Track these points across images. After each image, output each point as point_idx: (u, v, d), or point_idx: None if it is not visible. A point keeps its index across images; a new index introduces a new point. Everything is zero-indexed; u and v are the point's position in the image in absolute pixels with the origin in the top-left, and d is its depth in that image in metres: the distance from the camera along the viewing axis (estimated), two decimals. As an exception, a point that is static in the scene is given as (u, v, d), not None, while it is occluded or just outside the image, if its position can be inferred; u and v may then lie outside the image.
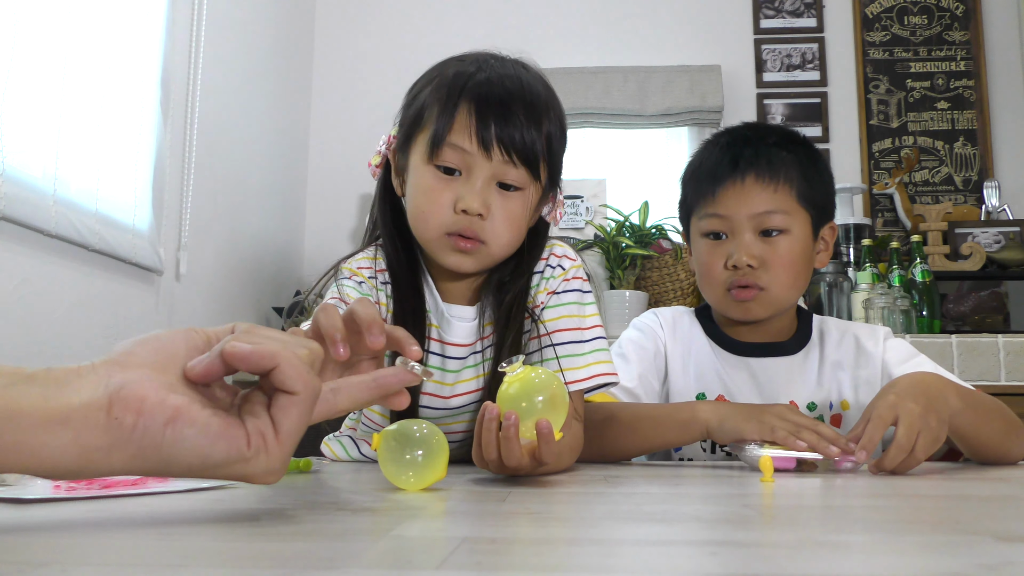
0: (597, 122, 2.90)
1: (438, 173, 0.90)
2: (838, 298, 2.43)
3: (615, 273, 2.55)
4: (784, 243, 1.10)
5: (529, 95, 0.91)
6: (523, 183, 0.92)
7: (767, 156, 1.10)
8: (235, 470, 0.44)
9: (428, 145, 0.90)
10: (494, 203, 0.90)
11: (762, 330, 1.17)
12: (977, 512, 0.54)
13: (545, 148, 0.92)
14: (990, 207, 2.71)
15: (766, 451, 0.85)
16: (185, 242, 2.06)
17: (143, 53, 1.89)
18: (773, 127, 1.22)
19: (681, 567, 0.34)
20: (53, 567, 0.32)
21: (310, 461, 0.86)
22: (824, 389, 1.14)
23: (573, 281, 0.99)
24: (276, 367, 0.44)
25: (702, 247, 1.15)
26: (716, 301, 1.16)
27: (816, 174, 1.13)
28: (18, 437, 0.39)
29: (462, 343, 0.97)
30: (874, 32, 2.97)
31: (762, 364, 1.16)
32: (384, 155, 1.01)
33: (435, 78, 0.94)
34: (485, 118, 0.88)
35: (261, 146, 2.59)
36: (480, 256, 0.92)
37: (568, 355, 0.94)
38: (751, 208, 1.09)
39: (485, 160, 0.89)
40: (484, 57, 0.95)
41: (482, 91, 0.89)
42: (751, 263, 1.08)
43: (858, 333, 1.17)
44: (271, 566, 0.33)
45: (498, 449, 0.70)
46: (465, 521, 0.49)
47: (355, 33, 3.07)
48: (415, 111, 0.94)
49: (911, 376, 0.92)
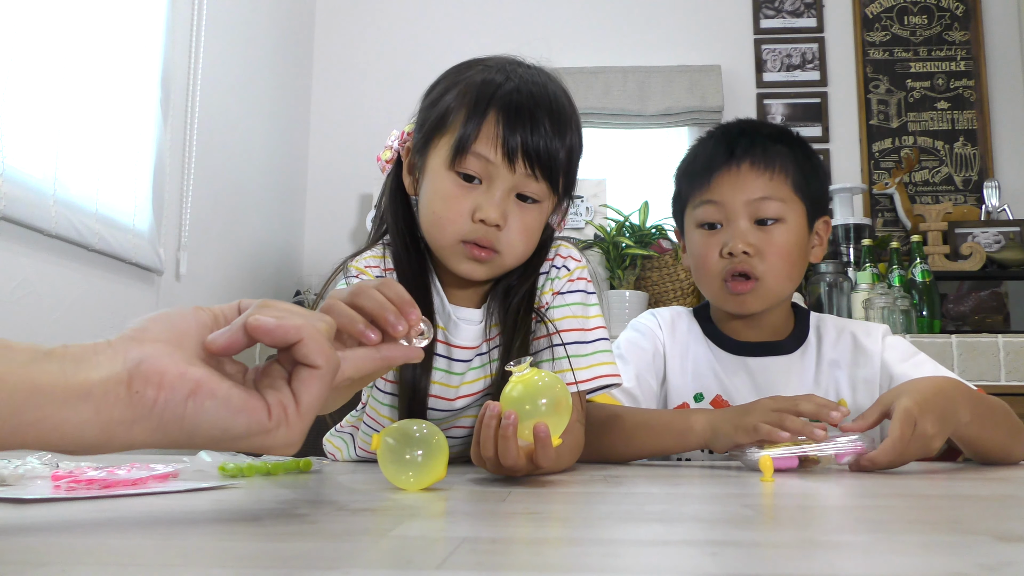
0: (597, 122, 2.90)
1: (458, 180, 0.90)
2: (838, 298, 2.43)
3: (615, 273, 2.55)
4: (779, 232, 1.09)
5: (556, 108, 0.91)
6: (542, 196, 0.92)
7: (762, 146, 1.11)
8: (255, 442, 0.45)
9: (451, 151, 0.89)
10: (512, 214, 0.90)
11: (759, 326, 1.16)
12: (977, 512, 0.54)
13: (566, 162, 0.92)
14: (990, 207, 2.71)
15: (766, 452, 0.85)
16: (185, 242, 2.06)
17: (143, 53, 1.89)
18: (767, 123, 1.23)
19: (681, 567, 0.34)
20: (53, 567, 0.32)
21: (310, 461, 0.86)
22: (821, 388, 1.14)
23: (578, 282, 0.99)
24: (300, 341, 0.45)
25: (697, 238, 1.14)
26: (712, 294, 1.15)
27: (811, 168, 1.14)
28: (40, 413, 0.40)
29: (467, 345, 0.97)
30: (874, 32, 2.97)
31: (760, 363, 1.16)
32: (396, 151, 1.00)
33: (460, 82, 0.92)
34: (512, 130, 0.87)
35: (261, 146, 2.59)
36: (493, 266, 0.92)
37: (572, 356, 0.94)
38: (747, 194, 1.09)
39: (508, 171, 0.89)
40: (511, 65, 0.94)
41: (512, 101, 0.88)
42: (747, 250, 1.08)
43: (855, 331, 1.17)
44: (271, 566, 0.33)
45: (495, 447, 0.70)
46: (465, 521, 0.49)
47: (355, 33, 3.07)
48: (438, 114, 0.92)
49: (930, 381, 0.92)
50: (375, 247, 1.01)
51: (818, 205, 1.15)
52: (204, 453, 0.81)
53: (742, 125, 1.17)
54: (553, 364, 0.94)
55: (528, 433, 0.68)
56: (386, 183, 1.02)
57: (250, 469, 0.76)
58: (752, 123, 1.20)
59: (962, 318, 2.42)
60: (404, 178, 0.99)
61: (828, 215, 1.19)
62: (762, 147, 1.10)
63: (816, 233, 1.16)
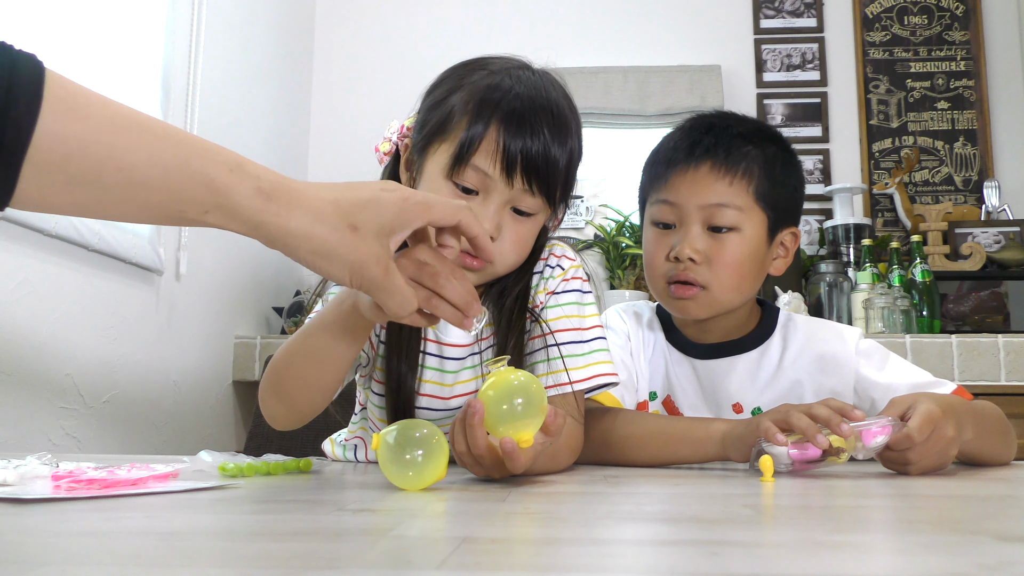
0: (597, 122, 2.90)
1: (455, 191, 0.89)
2: (838, 298, 2.43)
3: (615, 273, 2.55)
4: (732, 241, 1.04)
5: (557, 116, 0.90)
6: (537, 209, 0.91)
7: (727, 146, 1.04)
8: None
9: (450, 160, 0.88)
10: (506, 226, 0.90)
11: (709, 329, 1.11)
12: (977, 512, 0.54)
13: (564, 175, 0.91)
14: (990, 207, 2.71)
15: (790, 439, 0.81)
16: (185, 242, 2.06)
17: (143, 53, 1.89)
18: (744, 118, 1.12)
19: (681, 567, 0.34)
20: (53, 567, 0.32)
21: (310, 461, 0.86)
22: (776, 392, 1.07)
23: (572, 281, 0.99)
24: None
25: (649, 235, 1.09)
26: (657, 294, 1.10)
27: (782, 174, 1.07)
28: None
29: (459, 343, 0.97)
30: (874, 32, 2.97)
31: (704, 364, 1.11)
32: (395, 144, 0.99)
33: (464, 86, 0.91)
34: (513, 143, 0.87)
35: (261, 146, 2.59)
36: (484, 274, 0.92)
37: (569, 355, 0.94)
38: (701, 198, 1.03)
39: (505, 186, 0.88)
40: (516, 70, 0.92)
41: (513, 113, 0.87)
42: (693, 256, 1.03)
43: (827, 335, 1.11)
44: (271, 566, 0.33)
45: (465, 440, 0.70)
46: (465, 521, 0.49)
47: (355, 33, 3.06)
48: (440, 118, 0.91)
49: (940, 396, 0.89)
50: None
51: (784, 215, 1.08)
52: (204, 453, 0.81)
53: (712, 120, 1.10)
54: (548, 364, 0.94)
55: (503, 433, 0.68)
56: (383, 175, 1.01)
57: (250, 469, 0.76)
58: (726, 118, 1.11)
59: (962, 318, 2.42)
60: (401, 173, 0.98)
61: (796, 225, 1.11)
62: (727, 148, 1.04)
63: (781, 244, 1.10)
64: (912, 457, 0.82)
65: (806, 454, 0.81)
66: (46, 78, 0.50)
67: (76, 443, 1.60)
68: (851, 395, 1.07)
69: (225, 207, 0.56)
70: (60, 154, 0.50)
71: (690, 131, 1.08)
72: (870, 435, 0.81)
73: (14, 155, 0.48)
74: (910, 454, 0.81)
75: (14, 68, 0.48)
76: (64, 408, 1.57)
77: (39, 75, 0.49)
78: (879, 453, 0.83)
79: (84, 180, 0.51)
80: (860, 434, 0.81)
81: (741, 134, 1.06)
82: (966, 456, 0.94)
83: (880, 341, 1.32)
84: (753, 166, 1.04)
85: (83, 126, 0.51)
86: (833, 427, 0.80)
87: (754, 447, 0.84)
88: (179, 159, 0.54)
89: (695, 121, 1.11)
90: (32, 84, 0.49)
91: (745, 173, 1.04)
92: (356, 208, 0.61)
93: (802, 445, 0.82)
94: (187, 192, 0.55)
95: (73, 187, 0.51)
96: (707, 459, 0.94)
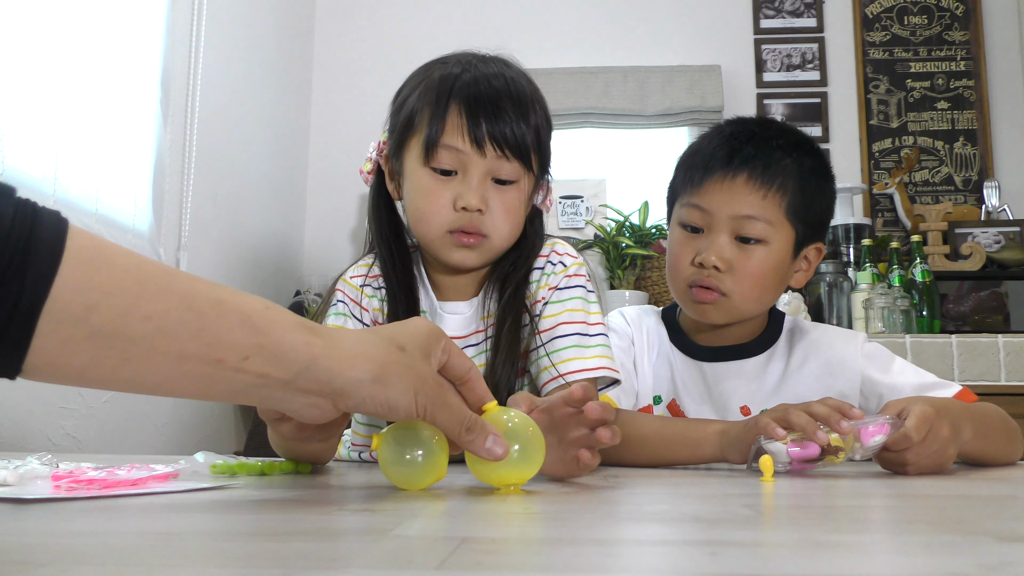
0: (597, 122, 2.90)
1: (435, 175, 0.93)
2: (838, 298, 2.43)
3: (615, 273, 2.55)
4: (759, 253, 1.04)
5: (515, 90, 0.94)
6: (517, 176, 0.95)
7: (766, 158, 1.04)
8: None
9: (422, 148, 0.93)
10: (492, 198, 0.94)
11: (721, 334, 1.12)
12: (977, 512, 0.54)
13: (535, 139, 0.95)
14: (990, 207, 2.71)
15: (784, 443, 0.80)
16: (185, 242, 2.06)
17: (143, 53, 1.89)
18: (785, 129, 1.12)
19: (681, 567, 0.34)
20: (53, 567, 0.32)
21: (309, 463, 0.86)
22: (783, 397, 1.06)
23: (575, 278, 1.01)
24: None
25: (676, 236, 1.10)
26: (677, 295, 1.11)
27: (816, 190, 1.07)
28: None
29: (455, 335, 0.98)
30: (874, 32, 2.97)
31: (713, 368, 1.11)
32: (376, 161, 1.04)
33: (421, 82, 0.97)
34: (476, 117, 0.91)
35: (261, 146, 2.59)
36: (483, 250, 0.95)
37: (575, 345, 0.96)
38: (733, 208, 1.03)
39: (479, 157, 0.92)
40: (467, 57, 0.97)
41: (470, 91, 0.92)
42: (719, 265, 1.03)
43: (832, 340, 1.11)
44: (271, 566, 0.33)
45: None
46: (465, 521, 0.49)
47: (355, 33, 3.06)
48: (405, 116, 0.96)
49: (943, 401, 0.90)
50: (367, 256, 1.05)
51: (812, 231, 1.08)
52: (199, 454, 0.81)
53: (753, 128, 1.09)
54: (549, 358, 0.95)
55: (496, 479, 0.64)
56: (370, 194, 1.05)
57: (240, 467, 0.76)
58: (766, 127, 1.10)
59: (962, 318, 2.42)
60: (388, 185, 1.02)
61: (823, 241, 1.12)
62: (765, 160, 1.04)
63: (805, 258, 1.10)
64: (909, 457, 0.82)
65: (805, 452, 0.81)
66: (69, 232, 0.45)
67: (76, 443, 1.60)
68: (857, 397, 1.07)
69: (266, 347, 0.51)
70: (82, 305, 0.45)
71: (731, 138, 1.07)
72: (868, 434, 0.81)
73: (31, 310, 0.44)
74: (907, 455, 0.82)
75: (35, 223, 0.44)
76: (64, 408, 1.57)
77: (62, 229, 0.45)
78: (876, 454, 0.83)
79: (108, 332, 0.47)
80: (858, 433, 0.80)
81: (780, 146, 1.06)
82: (968, 457, 0.94)
83: (880, 341, 1.32)
84: (789, 181, 1.04)
85: (107, 275, 0.47)
86: (832, 424, 0.80)
87: (753, 446, 0.84)
88: (211, 301, 0.50)
89: (737, 127, 1.10)
90: (53, 238, 0.45)
91: (780, 188, 1.04)
92: (395, 332, 0.59)
93: (801, 443, 0.81)
94: (223, 337, 0.50)
95: (96, 342, 0.46)
96: (705, 460, 0.94)
